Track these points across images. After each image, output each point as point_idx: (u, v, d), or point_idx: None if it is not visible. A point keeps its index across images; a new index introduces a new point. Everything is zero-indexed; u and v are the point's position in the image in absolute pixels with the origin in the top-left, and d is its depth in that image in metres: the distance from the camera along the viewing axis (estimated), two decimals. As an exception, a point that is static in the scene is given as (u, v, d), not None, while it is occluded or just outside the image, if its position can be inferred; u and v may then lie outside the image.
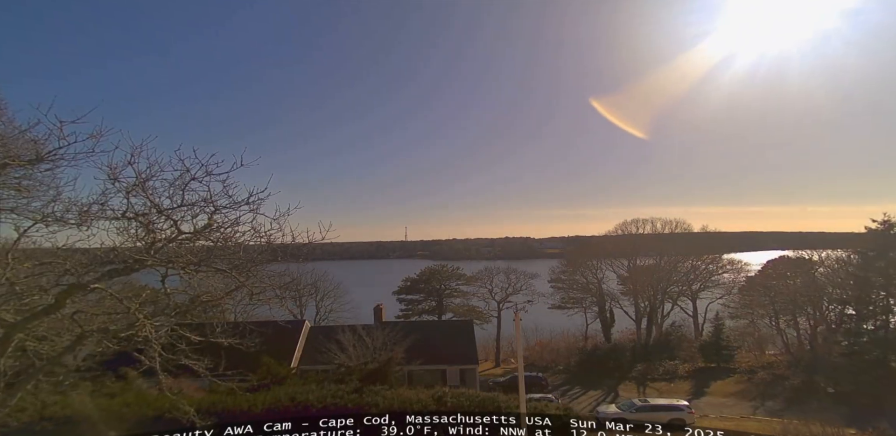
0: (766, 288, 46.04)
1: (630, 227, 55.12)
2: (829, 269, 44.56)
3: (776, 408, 32.07)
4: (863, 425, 26.16)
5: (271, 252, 12.07)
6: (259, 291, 13.02)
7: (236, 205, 10.95)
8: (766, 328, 47.53)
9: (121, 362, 23.65)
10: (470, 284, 52.67)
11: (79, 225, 10.83)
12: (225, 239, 11.35)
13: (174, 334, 13.17)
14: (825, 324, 41.96)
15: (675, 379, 40.48)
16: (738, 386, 37.71)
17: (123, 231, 11.12)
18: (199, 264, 11.44)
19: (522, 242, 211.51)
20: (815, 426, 24.23)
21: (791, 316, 43.93)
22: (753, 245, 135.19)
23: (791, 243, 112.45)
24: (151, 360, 12.13)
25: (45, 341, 13.14)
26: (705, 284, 52.21)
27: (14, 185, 11.47)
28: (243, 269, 12.00)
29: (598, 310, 51.62)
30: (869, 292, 37.57)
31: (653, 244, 53.48)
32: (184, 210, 11.00)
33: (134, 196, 10.59)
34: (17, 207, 11.50)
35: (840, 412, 29.22)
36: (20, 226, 11.28)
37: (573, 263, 54.72)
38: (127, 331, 11.86)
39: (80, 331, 11.84)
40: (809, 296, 41.90)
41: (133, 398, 21.28)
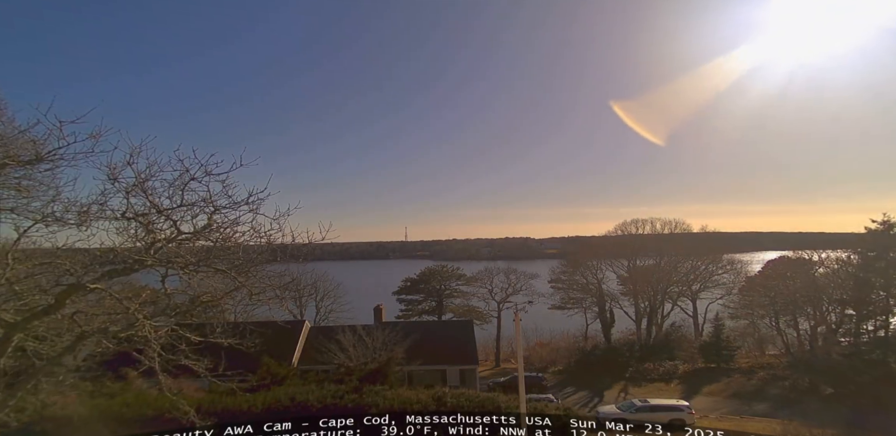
0: (766, 288, 46.01)
1: (630, 227, 55.19)
2: (829, 269, 44.56)
3: (776, 408, 32.05)
4: (863, 426, 26.13)
5: (271, 252, 12.07)
6: (259, 292, 13.01)
7: (236, 205, 10.96)
8: (766, 329, 47.50)
9: (121, 362, 23.64)
10: (470, 284, 52.69)
11: (78, 225, 10.83)
12: (224, 239, 11.35)
13: (174, 335, 13.15)
14: (825, 324, 41.93)
15: (674, 379, 40.46)
16: (738, 386, 37.69)
17: (123, 231, 11.13)
18: (199, 265, 11.43)
19: (522, 242, 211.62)
20: (815, 428, 24.25)
21: (791, 316, 43.92)
22: (754, 245, 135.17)
23: (791, 244, 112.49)
24: (151, 360, 12.10)
25: (44, 341, 13.13)
26: (705, 285, 52.22)
27: (14, 185, 11.47)
28: (243, 269, 12.00)
29: (598, 310, 51.60)
30: (869, 293, 37.56)
31: (653, 244, 53.47)
32: (183, 210, 11.01)
33: (133, 196, 10.59)
34: (16, 207, 11.49)
35: (840, 413, 29.19)
36: (20, 226, 11.28)
37: (573, 263, 54.71)
38: (127, 331, 11.84)
39: (79, 331, 11.83)
40: (809, 296, 41.88)
41: (133, 398, 21.27)
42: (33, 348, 13.16)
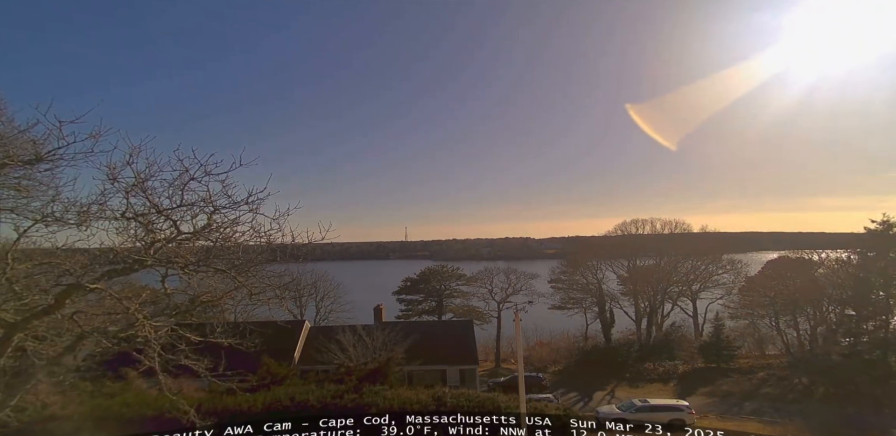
0: (766, 289, 46.02)
1: (630, 227, 55.20)
2: (829, 269, 44.57)
3: (776, 408, 32.04)
4: (862, 426, 26.13)
5: (271, 252, 12.07)
6: (259, 292, 13.01)
7: (235, 205, 10.96)
8: (766, 329, 47.51)
9: (121, 362, 23.64)
10: (470, 284, 52.69)
11: (78, 225, 10.82)
12: (224, 239, 11.35)
13: (174, 335, 13.16)
14: (825, 324, 41.94)
15: (674, 379, 40.46)
16: (738, 386, 37.68)
17: (123, 231, 11.13)
18: (199, 265, 11.44)
19: (522, 242, 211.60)
20: (815, 428, 24.26)
21: (791, 317, 43.94)
22: (754, 245, 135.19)
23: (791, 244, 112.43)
24: (151, 360, 12.10)
25: (44, 341, 13.11)
26: (705, 285, 52.22)
27: (14, 185, 11.47)
28: (243, 269, 11.99)
29: (597, 310, 51.60)
30: (868, 293, 37.56)
31: (653, 244, 53.48)
32: (183, 210, 11.01)
33: (133, 196, 10.60)
34: (16, 207, 11.49)
35: (839, 413, 29.18)
36: (20, 226, 11.28)
37: (573, 263, 54.73)
38: (126, 331, 11.85)
39: (79, 331, 11.83)
40: (809, 297, 41.89)
41: (133, 398, 21.27)
42: (33, 347, 13.15)
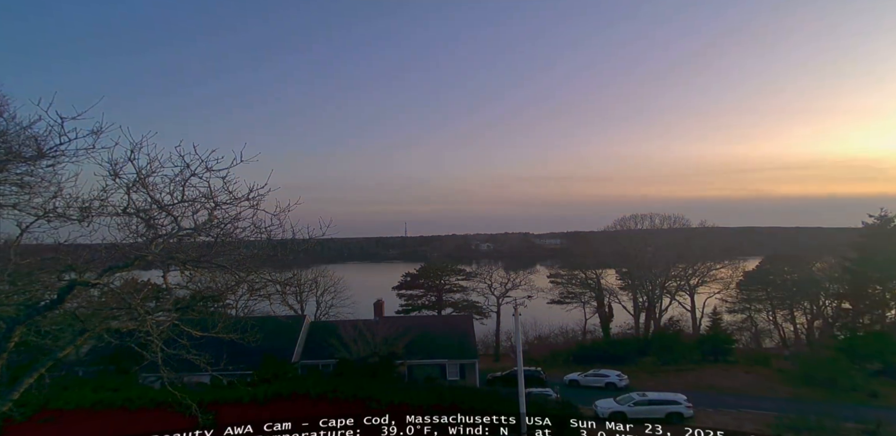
0: (763, 283, 46.26)
1: (629, 222, 55.37)
2: (827, 263, 44.81)
3: (772, 402, 32.27)
4: (860, 420, 26.35)
5: (271, 248, 12.14)
6: (260, 287, 13.12)
7: (236, 201, 11.02)
8: (764, 323, 47.83)
9: (123, 356, 23.80)
10: (469, 279, 52.91)
11: (80, 221, 10.86)
12: (225, 235, 11.42)
13: (176, 329, 13.27)
14: (822, 318, 42.22)
15: (672, 373, 40.72)
16: (735, 380, 37.94)
17: (124, 227, 11.18)
18: (200, 260, 11.51)
19: (521, 237, 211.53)
20: (811, 422, 24.48)
21: (788, 311, 44.22)
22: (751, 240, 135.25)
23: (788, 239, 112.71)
24: (153, 355, 12.22)
25: (47, 336, 13.23)
26: (703, 279, 52.48)
27: (16, 181, 11.52)
28: (244, 265, 12.07)
29: (596, 305, 51.87)
30: (865, 287, 37.80)
31: (651, 239, 53.67)
32: (184, 206, 11.05)
33: (135, 192, 10.63)
34: (18, 204, 11.53)
35: (836, 407, 29.40)
36: (22, 222, 11.32)
37: (572, 259, 54.98)
38: (128, 326, 11.95)
39: (81, 326, 11.93)
40: (806, 290, 42.13)
41: (135, 393, 21.43)
42: (36, 343, 13.27)
